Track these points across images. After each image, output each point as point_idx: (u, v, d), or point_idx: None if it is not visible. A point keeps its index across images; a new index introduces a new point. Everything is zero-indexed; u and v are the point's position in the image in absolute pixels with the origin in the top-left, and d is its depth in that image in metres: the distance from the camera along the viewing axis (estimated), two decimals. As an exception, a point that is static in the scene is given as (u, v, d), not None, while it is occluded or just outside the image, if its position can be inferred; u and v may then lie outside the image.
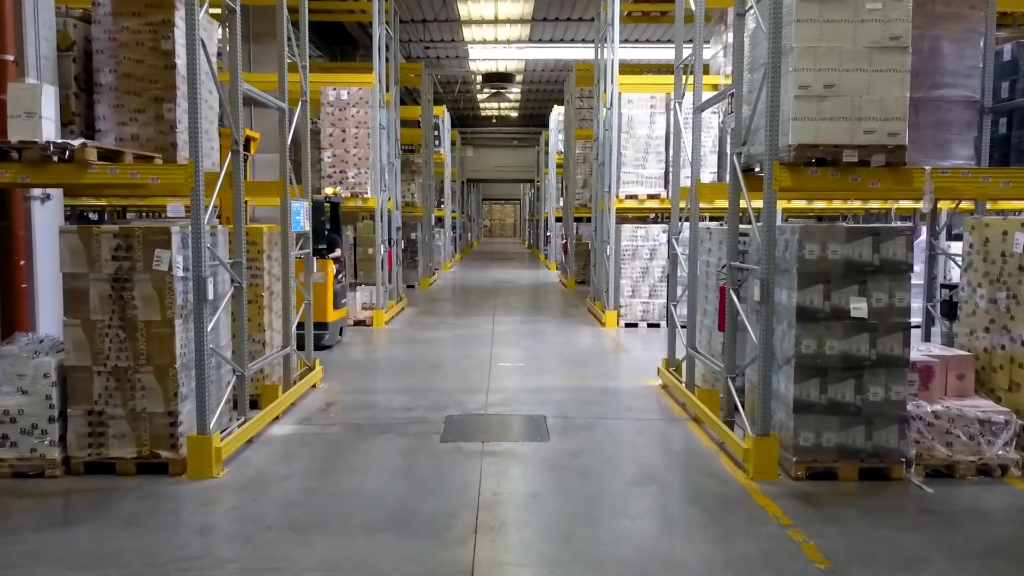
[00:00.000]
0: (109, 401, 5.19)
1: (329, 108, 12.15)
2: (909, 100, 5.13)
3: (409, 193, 19.42)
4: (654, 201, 12.20)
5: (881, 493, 4.97)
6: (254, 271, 6.90)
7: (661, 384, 8.02)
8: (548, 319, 13.27)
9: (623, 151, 12.14)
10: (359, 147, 12.14)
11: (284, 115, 7.17)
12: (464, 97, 33.30)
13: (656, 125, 12.13)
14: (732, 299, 5.93)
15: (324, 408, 7.08)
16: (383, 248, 12.56)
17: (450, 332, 11.72)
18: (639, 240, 12.15)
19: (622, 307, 12.20)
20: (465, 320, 13.06)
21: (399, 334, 11.54)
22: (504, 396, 7.49)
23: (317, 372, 7.99)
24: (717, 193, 7.66)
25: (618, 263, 12.24)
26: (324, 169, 12.19)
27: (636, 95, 12.16)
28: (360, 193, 12.11)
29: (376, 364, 9.38)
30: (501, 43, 22.73)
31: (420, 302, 15.81)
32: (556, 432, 6.24)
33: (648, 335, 11.60)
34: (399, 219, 14.62)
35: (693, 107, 7.23)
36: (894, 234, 5.08)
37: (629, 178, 12.16)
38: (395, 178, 14.30)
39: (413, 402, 7.23)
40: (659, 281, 12.14)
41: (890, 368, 5.12)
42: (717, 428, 6.01)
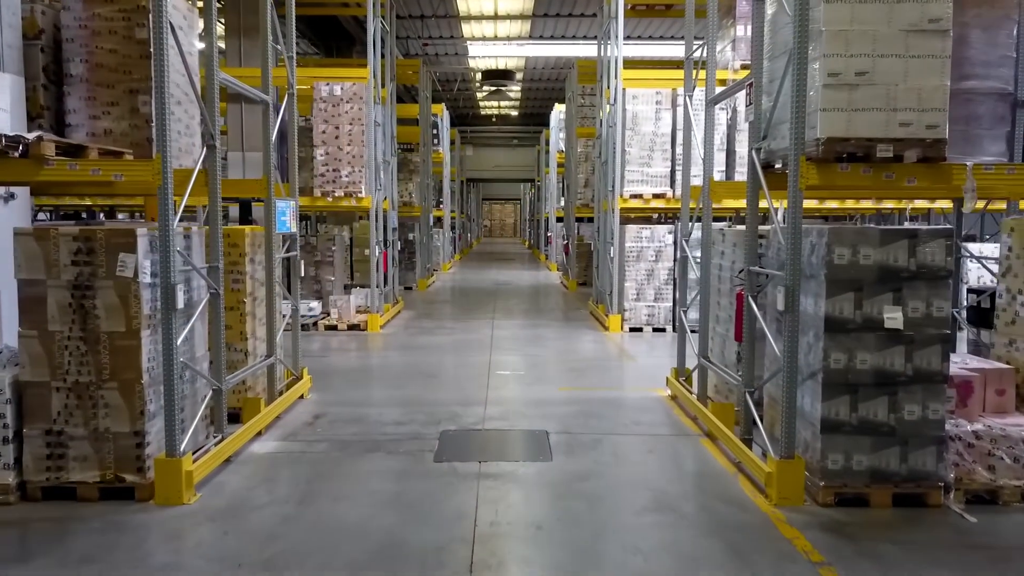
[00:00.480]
0: (69, 420, 4.72)
1: (322, 104, 11.68)
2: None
3: (406, 193, 18.96)
4: (660, 201, 11.74)
5: (919, 522, 4.51)
6: (236, 275, 6.44)
7: (670, 395, 7.55)
8: (549, 323, 12.81)
9: (628, 149, 11.68)
10: (353, 145, 11.67)
11: (268, 108, 6.70)
12: (463, 95, 32.85)
13: (662, 122, 11.67)
14: (751, 307, 5.46)
15: (311, 422, 6.61)
16: (378, 250, 12.09)
17: (447, 337, 11.26)
18: (644, 241, 11.69)
19: (626, 311, 11.74)
20: (463, 324, 12.59)
21: (394, 339, 11.07)
22: (503, 408, 7.02)
23: (305, 382, 7.53)
24: (732, 192, 7.20)
25: (622, 265, 11.78)
26: (316, 167, 11.73)
27: (641, 91, 11.69)
28: (354, 192, 11.65)
29: (369, 372, 8.91)
30: (501, 40, 22.28)
31: (417, 305, 15.34)
32: (560, 450, 5.77)
33: (654, 340, 11.13)
34: (395, 219, 14.16)
35: (706, 100, 6.75)
36: (933, 236, 4.61)
37: (634, 177, 11.70)
38: (391, 177, 13.84)
39: (406, 415, 6.76)
40: (665, 284, 11.69)
41: (927, 384, 4.66)
42: (733, 446, 5.55)
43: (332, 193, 11.64)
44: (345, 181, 11.67)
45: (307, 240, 13.33)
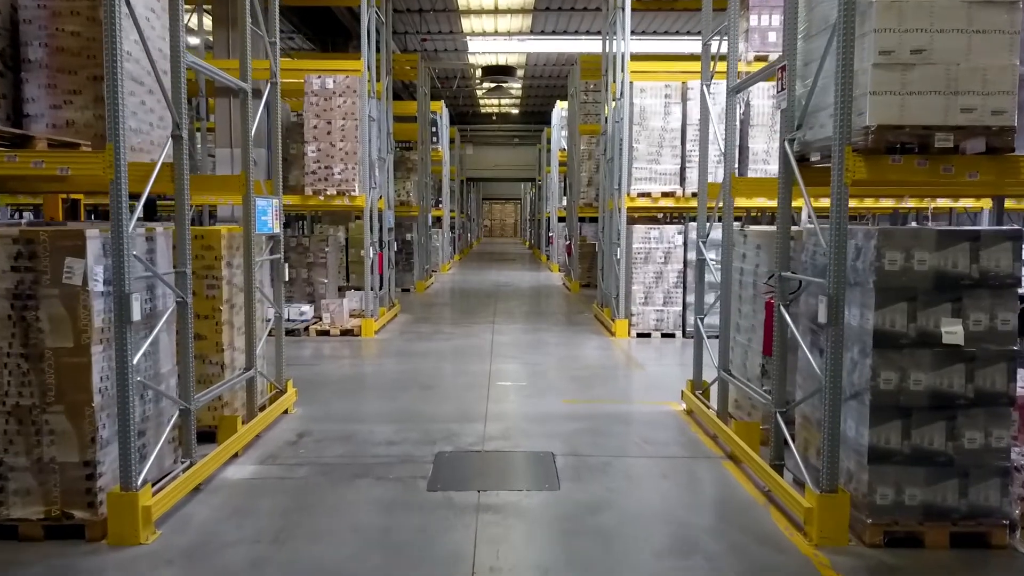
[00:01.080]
0: (9, 448, 4.14)
1: (313, 98, 11.10)
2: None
3: (404, 192, 18.38)
4: (669, 200, 11.15)
5: (983, 568, 3.92)
6: (211, 281, 5.86)
7: (685, 409, 6.97)
8: (552, 327, 12.22)
9: (635, 145, 11.09)
10: (346, 141, 11.09)
11: (247, 97, 6.11)
12: (463, 93, 32.26)
13: (671, 116, 11.08)
14: (783, 317, 4.87)
15: (294, 441, 6.02)
16: (372, 251, 11.51)
17: (445, 343, 10.67)
18: (652, 242, 11.10)
19: (634, 315, 11.16)
20: (462, 329, 12.01)
21: (389, 345, 10.49)
22: (505, 425, 6.43)
23: (290, 395, 6.95)
24: (757, 189, 6.64)
25: (629, 267, 11.19)
26: (308, 165, 11.14)
27: (649, 84, 11.11)
28: (347, 191, 11.06)
29: (361, 382, 8.32)
30: (502, 35, 21.70)
31: (415, 308, 14.76)
32: (567, 476, 5.19)
33: (663, 347, 10.55)
34: (391, 219, 13.58)
35: (727, 89, 6.16)
36: (997, 239, 4.02)
37: (641, 174, 11.11)
38: (387, 175, 13.26)
39: (399, 433, 6.18)
40: (674, 287, 11.10)
41: (990, 408, 4.07)
42: (761, 472, 4.96)
43: (324, 191, 11.06)
44: (338, 179, 11.08)
45: (299, 241, 12.74)
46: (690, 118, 11.04)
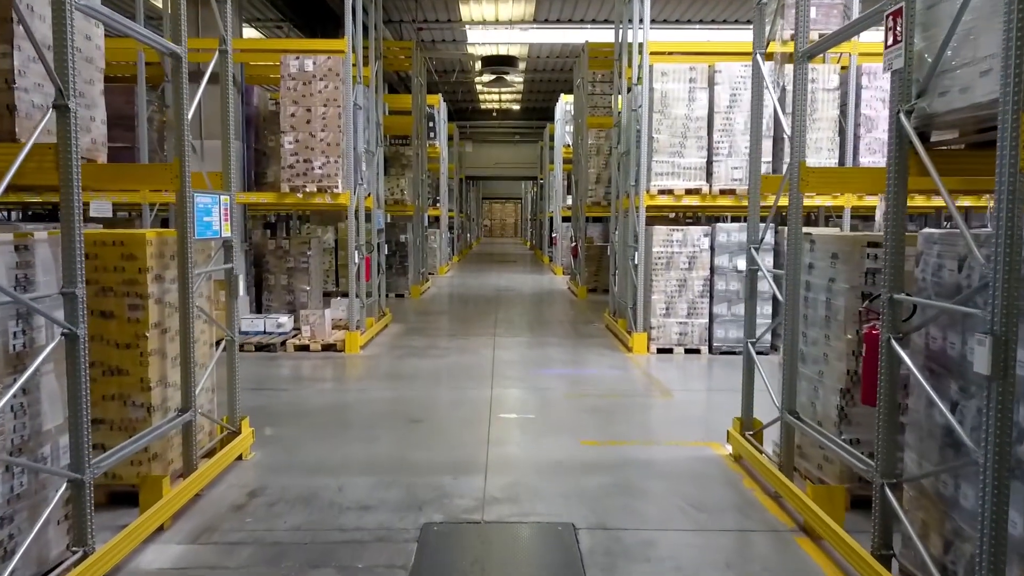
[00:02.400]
0: None
1: (290, 82, 9.79)
2: None
3: (398, 190, 17.07)
4: (693, 197, 9.84)
5: None
6: (134, 300, 4.55)
7: (732, 454, 5.67)
8: (560, 341, 10.91)
9: (655, 136, 9.78)
10: (328, 131, 9.78)
11: (180, 64, 4.80)
12: (462, 88, 30.96)
13: (697, 103, 9.77)
14: (894, 354, 3.56)
15: (241, 504, 4.72)
16: (358, 255, 10.19)
17: (440, 361, 9.36)
18: (675, 245, 9.79)
19: (653, 328, 9.85)
20: (460, 342, 10.70)
21: (376, 364, 9.18)
22: (510, 479, 5.12)
23: (245, 437, 5.65)
24: (839, 181, 5.30)
25: (649, 274, 9.88)
26: (284, 158, 9.83)
27: (672, 66, 9.80)
28: (329, 187, 9.75)
29: (337, 414, 7.00)
30: (503, 24, 20.37)
31: (409, 316, 13.45)
32: (597, 565, 3.88)
33: (688, 366, 9.24)
34: (382, 219, 12.27)
35: (797, 53, 4.85)
36: None
37: (663, 169, 9.81)
38: (377, 171, 11.95)
39: (377, 491, 4.88)
40: (700, 296, 9.79)
41: None
42: (861, 564, 3.65)
43: (302, 188, 9.75)
44: (318, 174, 9.77)
45: (278, 244, 11.43)
46: (718, 105, 9.73)
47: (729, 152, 9.74)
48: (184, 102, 4.72)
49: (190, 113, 4.84)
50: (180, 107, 4.74)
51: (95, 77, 5.14)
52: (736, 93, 9.68)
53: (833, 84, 9.74)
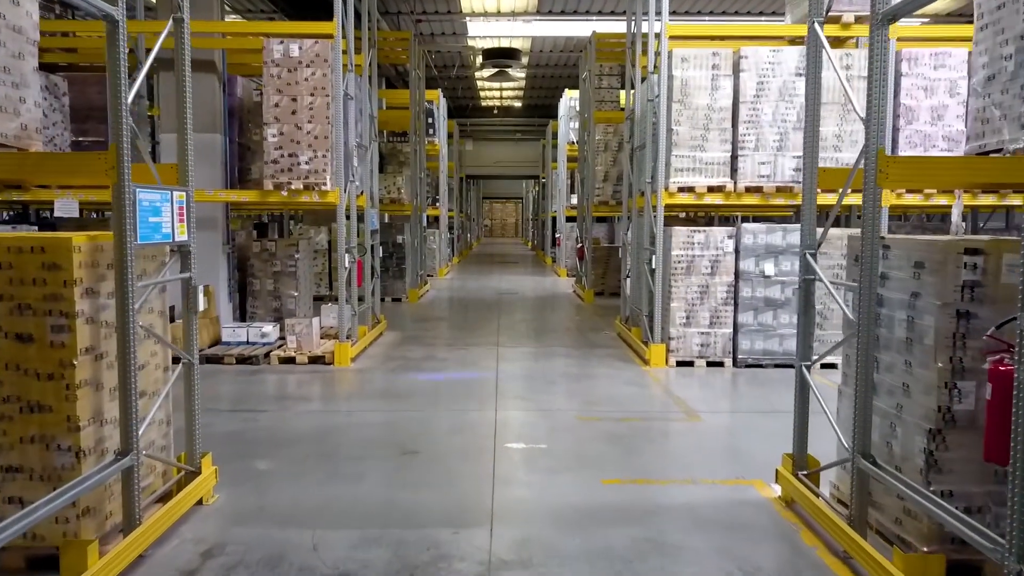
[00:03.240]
0: None
1: (274, 68, 8.91)
2: None
3: (395, 188, 16.21)
4: (716, 195, 8.97)
5: None
6: (57, 320, 3.69)
7: (782, 497, 4.80)
8: (569, 351, 10.04)
9: (674, 128, 8.91)
10: (315, 122, 8.91)
11: (116, 30, 3.91)
12: (463, 84, 30.13)
13: (720, 92, 8.90)
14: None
15: (193, 571, 3.85)
16: (349, 258, 9.32)
17: (438, 375, 8.49)
18: (697, 248, 8.92)
19: (672, 338, 8.98)
20: (460, 353, 9.83)
21: (367, 380, 8.31)
22: (521, 534, 4.25)
23: (206, 478, 4.78)
24: (933, 175, 4.42)
25: (667, 279, 9.02)
26: (268, 152, 8.96)
27: (693, 51, 8.93)
28: (317, 184, 8.88)
29: (319, 444, 6.12)
30: (505, 15, 19.54)
31: (405, 323, 12.58)
32: (636, 665, 3.02)
33: (712, 381, 8.38)
34: (376, 220, 11.41)
35: (874, 16, 3.97)
36: None
37: (683, 164, 8.94)
38: (370, 167, 11.08)
39: (358, 551, 4.01)
40: (723, 304, 8.92)
41: None
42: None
43: (287, 185, 8.88)
44: (305, 169, 8.90)
45: (263, 246, 10.58)
46: (743, 94, 8.86)
47: (756, 146, 8.87)
48: (121, 77, 3.84)
49: (131, 94, 3.97)
50: (117, 83, 3.87)
51: (25, 51, 4.33)
52: (764, 81, 8.81)
53: (870, 71, 8.86)
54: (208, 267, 9.94)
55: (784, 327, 8.91)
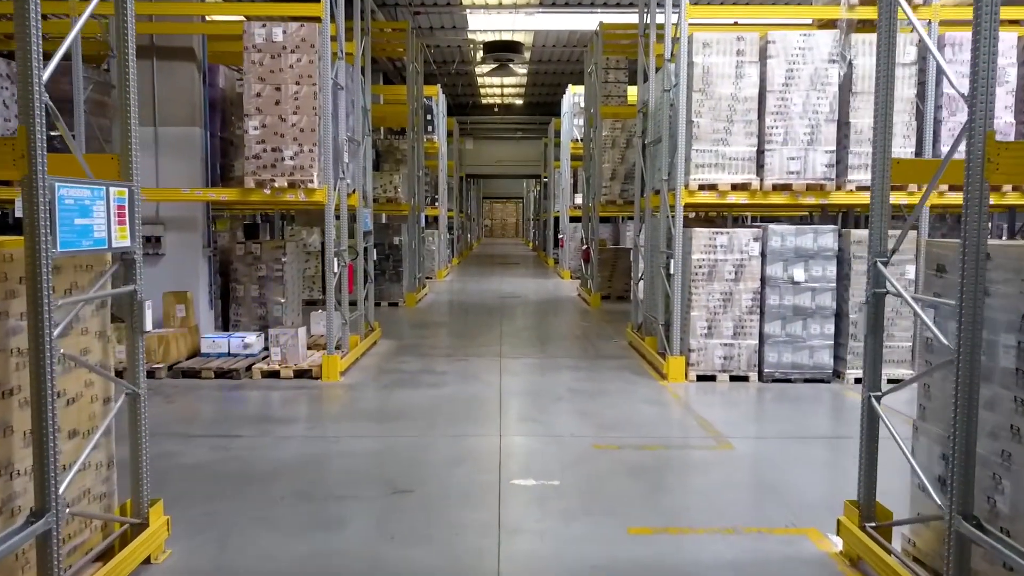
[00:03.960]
0: None
1: (255, 54, 8.12)
2: None
3: (391, 187, 15.43)
4: (741, 194, 8.19)
5: None
6: (-50, 348, 2.90)
7: (844, 553, 4.01)
8: (577, 362, 9.26)
9: (695, 120, 8.13)
10: (301, 114, 8.12)
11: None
12: (462, 81, 29.34)
13: (746, 80, 8.11)
14: None
15: (124, 660, 3.06)
16: (337, 263, 8.53)
17: (436, 392, 7.70)
18: (719, 252, 8.14)
19: (692, 350, 8.20)
20: (460, 364, 9.05)
21: (357, 398, 7.53)
22: (535, 604, 3.47)
23: (156, 531, 3.98)
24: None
25: (687, 286, 8.24)
26: (249, 146, 8.17)
27: (716, 36, 8.14)
28: (303, 182, 8.10)
29: (295, 480, 5.31)
30: (507, 7, 18.74)
31: (402, 330, 11.79)
32: None
33: (737, 398, 7.60)
34: (370, 220, 10.62)
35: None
36: None
37: (704, 159, 8.16)
38: (363, 163, 10.30)
39: (335, 631, 3.23)
40: (748, 313, 8.14)
41: None
42: None
43: (270, 183, 8.09)
44: (289, 165, 8.12)
45: (247, 249, 9.79)
46: (771, 82, 8.07)
47: (784, 139, 8.09)
48: (31, 49, 3.04)
49: (48, 71, 3.18)
50: (26, 57, 3.07)
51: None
52: (794, 68, 8.02)
53: (909, 58, 8.09)
54: (186, 272, 9.17)
55: (815, 338, 8.14)
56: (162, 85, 9.08)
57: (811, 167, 8.09)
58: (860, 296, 8.11)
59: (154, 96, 9.06)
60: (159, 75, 9.08)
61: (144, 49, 9.07)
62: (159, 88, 9.07)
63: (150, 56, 9.05)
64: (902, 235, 3.90)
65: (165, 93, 9.09)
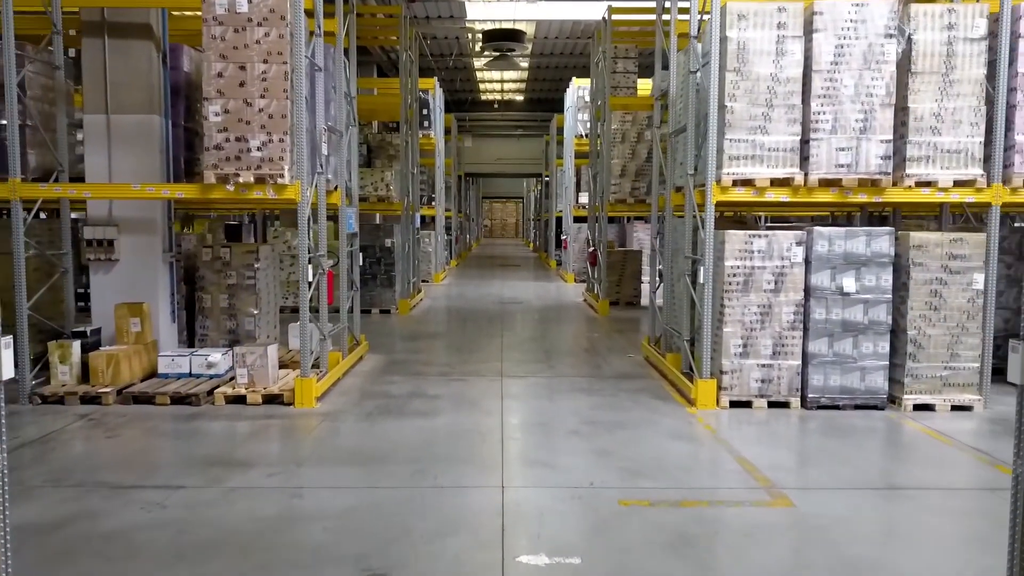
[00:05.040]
0: None
1: (216, 27, 6.96)
2: None
3: (383, 185, 14.29)
4: (782, 190, 7.05)
5: None
6: None
7: None
8: (590, 383, 8.13)
9: (728, 104, 6.98)
10: (270, 97, 6.97)
11: None
12: (461, 76, 28.23)
13: (788, 58, 6.96)
14: None
15: None
16: (312, 270, 7.39)
17: (426, 424, 6.56)
18: (756, 258, 7.00)
19: (725, 372, 7.05)
20: (455, 387, 7.91)
21: (332, 432, 6.38)
22: None
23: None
24: None
25: (719, 297, 7.09)
26: (210, 135, 7.01)
27: (754, 6, 6.99)
28: (272, 176, 6.95)
29: (237, 561, 4.15)
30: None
31: (392, 343, 10.64)
32: None
33: (780, 430, 6.47)
34: (354, 221, 9.46)
35: None
36: None
37: (739, 151, 7.01)
38: (346, 157, 9.14)
39: None
40: (789, 329, 7.01)
41: None
42: None
43: (234, 177, 6.94)
44: (256, 157, 6.96)
45: (215, 253, 8.66)
46: (817, 60, 6.93)
47: (833, 127, 6.95)
48: None
49: None
50: None
51: None
52: (845, 44, 6.89)
53: (979, 32, 6.95)
54: (144, 280, 8.05)
55: (867, 358, 7.00)
56: (115, 67, 7.94)
57: (864, 159, 6.95)
58: (920, 309, 6.99)
59: (106, 79, 7.93)
60: (111, 55, 7.94)
61: (94, 26, 7.93)
62: (112, 71, 7.94)
63: (100, 34, 7.92)
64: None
65: (119, 76, 7.95)
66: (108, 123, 7.96)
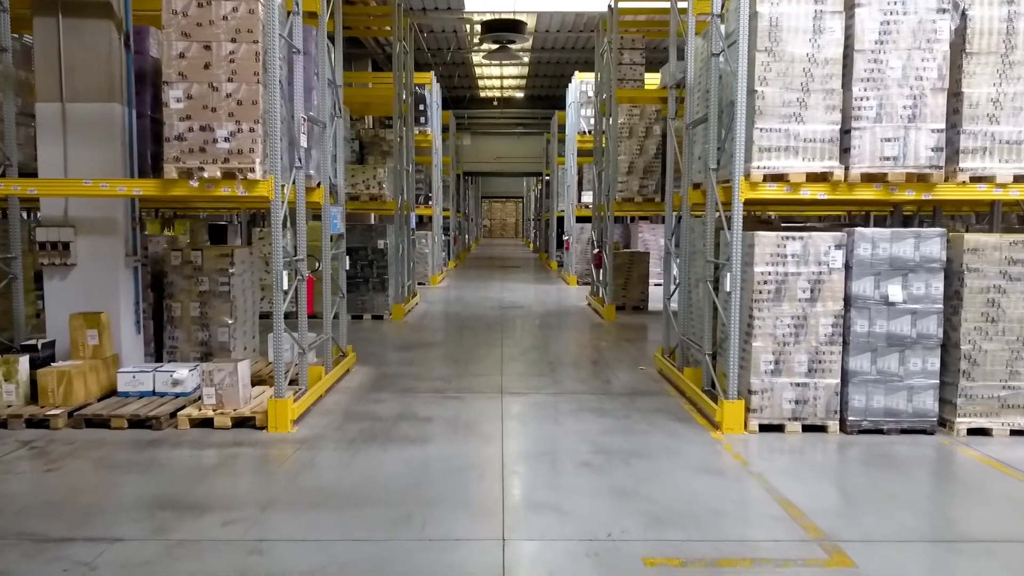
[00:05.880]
0: None
1: (178, 2, 6.14)
2: None
3: (375, 183, 13.47)
4: (819, 186, 6.22)
5: None
6: None
7: None
8: (601, 401, 7.31)
9: (758, 89, 6.16)
10: (239, 81, 6.15)
11: None
12: (459, 72, 27.36)
13: (826, 36, 6.14)
14: None
15: None
16: (287, 277, 6.56)
17: (415, 453, 5.73)
18: (789, 262, 6.19)
19: (754, 392, 6.23)
20: (450, 407, 7.08)
21: (306, 463, 5.55)
22: None
23: None
24: None
25: (747, 308, 6.27)
26: (171, 124, 6.18)
27: (787, -24, 6.16)
28: (241, 170, 6.12)
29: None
30: (507, -15, 16.80)
31: (383, 353, 9.81)
32: None
33: (820, 459, 5.66)
34: (339, 221, 8.63)
35: None
36: None
37: (771, 141, 6.19)
38: (331, 150, 8.31)
39: None
40: (827, 343, 6.19)
41: None
42: None
43: (198, 171, 6.12)
44: (223, 149, 6.14)
45: (185, 257, 7.84)
46: (860, 40, 6.10)
47: (878, 115, 6.13)
48: None
49: None
50: None
51: None
52: (891, 20, 6.07)
53: (1043, 6, 6.12)
54: (103, 286, 7.22)
55: (915, 376, 6.19)
56: (71, 50, 7.11)
57: (912, 151, 6.13)
58: (975, 320, 6.17)
59: (60, 63, 7.09)
60: (66, 36, 7.11)
61: (46, 3, 7.10)
62: (67, 54, 7.10)
63: (54, 12, 7.09)
64: None
65: (75, 60, 7.12)
66: (63, 112, 7.13)
